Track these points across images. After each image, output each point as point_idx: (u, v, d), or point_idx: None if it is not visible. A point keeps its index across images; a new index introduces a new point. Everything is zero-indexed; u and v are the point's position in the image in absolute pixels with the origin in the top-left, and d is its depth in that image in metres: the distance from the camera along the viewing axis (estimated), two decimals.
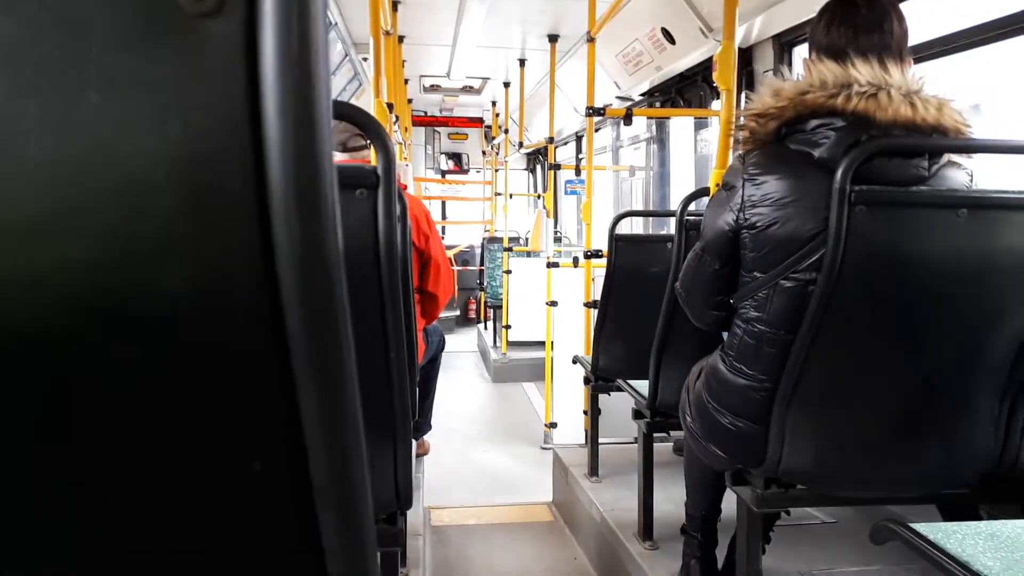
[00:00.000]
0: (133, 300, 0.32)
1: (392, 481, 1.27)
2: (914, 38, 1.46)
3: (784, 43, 3.43)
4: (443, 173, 9.99)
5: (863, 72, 1.33)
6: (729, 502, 1.80)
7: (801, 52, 3.36)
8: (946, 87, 1.36)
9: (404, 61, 5.62)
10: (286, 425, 0.36)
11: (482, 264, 7.82)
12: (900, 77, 1.34)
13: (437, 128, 9.81)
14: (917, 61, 2.13)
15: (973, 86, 2.82)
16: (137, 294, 0.32)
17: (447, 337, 4.03)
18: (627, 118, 3.48)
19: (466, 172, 10.01)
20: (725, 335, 1.55)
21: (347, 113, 1.07)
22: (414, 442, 3.27)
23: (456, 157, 9.95)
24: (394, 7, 4.22)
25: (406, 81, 6.31)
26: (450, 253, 7.06)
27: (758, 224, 1.37)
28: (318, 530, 0.40)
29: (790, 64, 3.40)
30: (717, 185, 1.97)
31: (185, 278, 0.32)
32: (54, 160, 0.31)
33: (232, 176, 0.31)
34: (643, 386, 2.31)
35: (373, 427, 1.22)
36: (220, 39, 0.31)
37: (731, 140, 2.08)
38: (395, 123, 3.29)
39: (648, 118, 5.50)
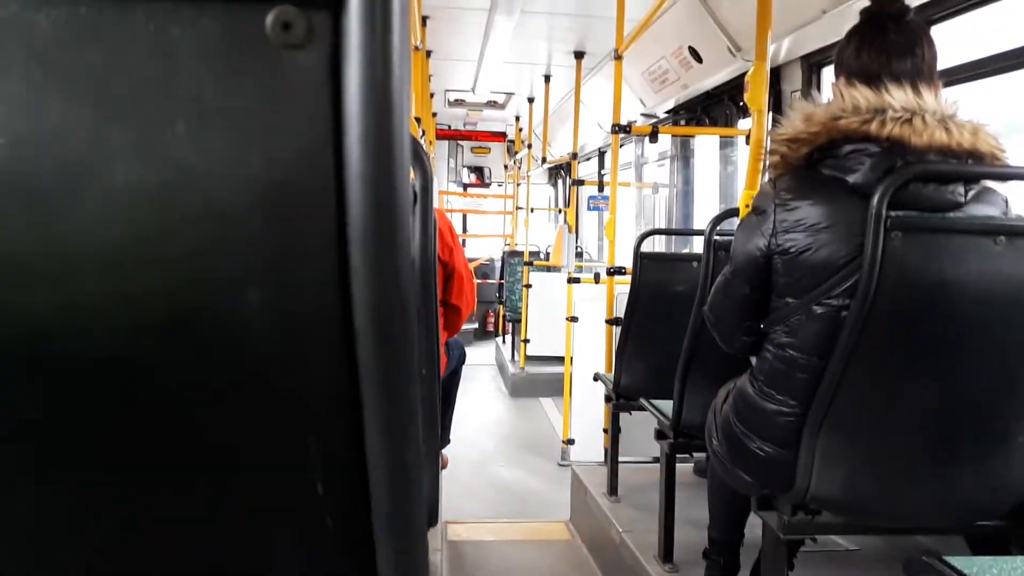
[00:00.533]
0: (211, 326, 0.32)
1: None
2: (945, 62, 1.45)
3: (812, 64, 3.42)
4: (465, 186, 10.03)
5: (897, 97, 1.32)
6: (752, 526, 1.78)
7: (829, 73, 3.35)
8: (977, 111, 1.35)
9: (431, 75, 5.66)
10: (351, 448, 0.36)
11: (501, 277, 7.83)
12: (934, 102, 1.33)
13: (460, 142, 9.86)
14: (947, 85, 2.12)
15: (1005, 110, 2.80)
16: (216, 320, 0.32)
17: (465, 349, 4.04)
18: (653, 135, 3.49)
19: (488, 186, 10.05)
20: (753, 359, 1.54)
21: None
22: None
23: (478, 170, 10.00)
24: (423, 22, 4.26)
25: (431, 95, 6.36)
26: (470, 266, 7.08)
27: (791, 250, 1.36)
28: (373, 551, 0.40)
29: (819, 85, 3.39)
30: (746, 206, 1.96)
31: (263, 304, 0.32)
32: (138, 187, 0.32)
33: (313, 203, 0.32)
34: (666, 406, 2.30)
35: None
36: (306, 70, 0.31)
37: (760, 163, 2.08)
38: (421, 137, 3.31)
39: (673, 135, 5.49)
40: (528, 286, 6.14)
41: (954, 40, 2.63)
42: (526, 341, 6.22)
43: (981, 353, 1.30)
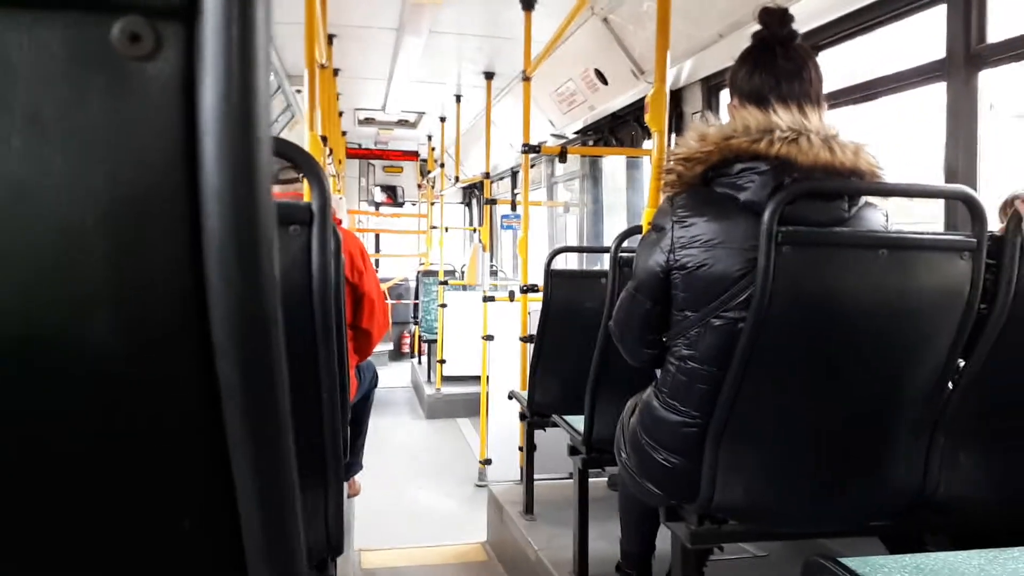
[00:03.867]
0: (57, 351, 0.30)
1: (323, 526, 1.23)
2: (829, 85, 1.54)
3: (711, 86, 3.56)
4: (377, 206, 9.92)
5: (784, 118, 1.38)
6: (664, 538, 1.81)
7: (727, 94, 3.50)
8: (858, 131, 1.43)
9: (339, 94, 5.59)
10: (217, 479, 0.34)
11: (416, 297, 7.77)
12: (818, 122, 1.39)
13: (372, 161, 9.76)
14: (831, 107, 2.24)
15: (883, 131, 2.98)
16: (62, 344, 0.30)
17: (379, 371, 3.97)
18: (562, 156, 3.55)
19: (401, 205, 9.97)
20: (658, 372, 1.57)
21: (283, 151, 1.05)
22: (345, 484, 3.18)
23: (391, 190, 9.91)
24: (330, 41, 4.21)
25: (340, 114, 6.27)
26: (384, 286, 6.99)
27: (688, 265, 1.40)
28: None
29: (717, 106, 3.53)
30: (649, 224, 2.01)
31: (113, 328, 0.30)
32: None
33: (165, 222, 0.30)
34: (579, 422, 2.32)
35: (304, 471, 1.18)
36: (155, 82, 0.30)
37: (661, 182, 2.13)
38: (329, 156, 3.26)
39: (582, 155, 5.60)
40: (443, 305, 6.11)
41: (838, 65, 2.80)
42: (442, 361, 6.18)
43: (868, 361, 1.37)
